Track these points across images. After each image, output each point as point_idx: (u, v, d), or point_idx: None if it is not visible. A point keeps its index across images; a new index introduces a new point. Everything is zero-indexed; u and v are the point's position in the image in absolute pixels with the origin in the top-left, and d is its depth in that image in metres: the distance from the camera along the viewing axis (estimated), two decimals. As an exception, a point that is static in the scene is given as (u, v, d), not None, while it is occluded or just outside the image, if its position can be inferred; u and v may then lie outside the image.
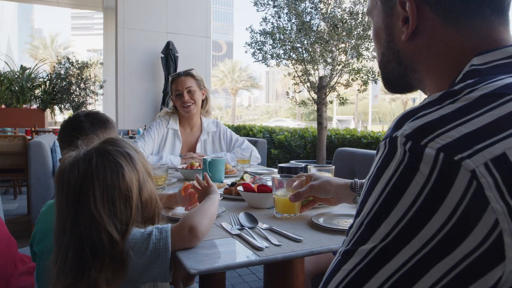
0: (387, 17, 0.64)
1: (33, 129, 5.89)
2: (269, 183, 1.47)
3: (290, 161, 4.62)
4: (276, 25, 4.28)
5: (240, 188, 1.36)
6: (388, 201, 0.46)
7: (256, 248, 0.88)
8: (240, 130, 7.24)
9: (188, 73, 2.42)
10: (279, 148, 5.68)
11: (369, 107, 38.79)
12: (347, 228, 1.00)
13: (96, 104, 9.35)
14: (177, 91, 2.38)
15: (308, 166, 1.58)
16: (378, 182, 0.48)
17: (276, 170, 2.21)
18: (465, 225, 0.41)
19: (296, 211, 1.18)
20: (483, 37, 0.56)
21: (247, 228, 1.03)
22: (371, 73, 4.16)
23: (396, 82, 0.68)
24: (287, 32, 4.20)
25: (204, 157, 1.84)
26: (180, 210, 1.23)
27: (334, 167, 1.56)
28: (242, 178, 1.62)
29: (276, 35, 4.21)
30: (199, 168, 1.95)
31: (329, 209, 1.30)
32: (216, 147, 2.50)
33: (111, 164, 0.88)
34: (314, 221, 1.08)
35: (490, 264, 0.41)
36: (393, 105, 49.74)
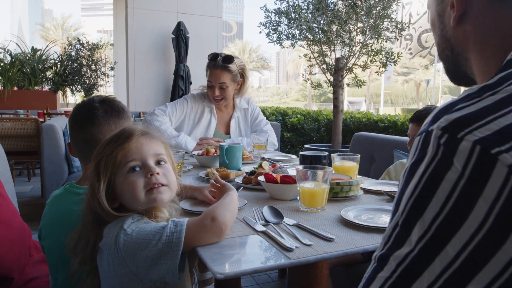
0: (439, 4, 0.63)
1: (45, 111, 5.87)
2: (290, 172, 1.40)
3: (304, 145, 4.52)
4: (291, 3, 4.12)
5: (261, 178, 1.28)
6: (421, 199, 0.43)
7: (285, 249, 0.81)
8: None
9: (225, 67, 2.21)
10: (292, 131, 5.57)
11: (382, 89, 38.00)
12: (381, 226, 0.93)
13: (107, 86, 9.30)
14: (209, 82, 2.25)
15: (332, 155, 1.49)
16: (412, 180, 0.45)
17: (293, 156, 2.13)
18: (503, 227, 0.37)
19: (323, 204, 1.11)
20: None
21: (272, 224, 0.96)
22: (390, 54, 3.99)
23: (455, 73, 0.66)
24: (303, 11, 4.03)
25: (220, 144, 1.76)
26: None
27: (359, 155, 1.47)
28: (260, 166, 1.55)
29: (292, 14, 4.05)
30: (215, 154, 1.87)
31: (356, 202, 1.23)
32: (248, 124, 2.45)
33: None
34: (344, 217, 1.01)
35: None
36: (406, 87, 48.66)
